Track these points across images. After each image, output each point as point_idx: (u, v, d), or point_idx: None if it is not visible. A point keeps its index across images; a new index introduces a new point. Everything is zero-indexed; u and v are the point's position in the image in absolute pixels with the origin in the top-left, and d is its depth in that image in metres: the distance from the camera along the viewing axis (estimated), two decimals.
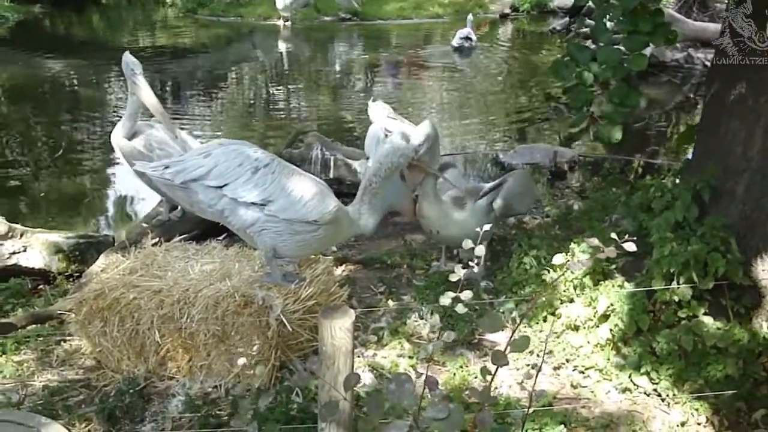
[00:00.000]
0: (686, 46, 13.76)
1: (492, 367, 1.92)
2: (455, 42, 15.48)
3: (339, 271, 5.45)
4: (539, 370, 2.37)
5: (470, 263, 2.36)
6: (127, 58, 5.47)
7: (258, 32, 19.48)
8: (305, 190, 4.04)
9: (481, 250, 2.38)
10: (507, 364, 1.87)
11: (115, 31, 21.55)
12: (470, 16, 16.35)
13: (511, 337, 1.90)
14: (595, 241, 1.94)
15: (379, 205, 4.28)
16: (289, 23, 19.12)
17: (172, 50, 17.66)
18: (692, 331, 3.95)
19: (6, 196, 7.83)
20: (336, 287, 4.57)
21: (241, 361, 3.53)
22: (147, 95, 5.41)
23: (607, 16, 3.73)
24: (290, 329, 4.02)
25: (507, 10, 21.59)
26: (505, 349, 1.87)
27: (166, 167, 4.00)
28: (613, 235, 1.92)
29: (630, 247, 1.89)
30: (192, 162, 3.99)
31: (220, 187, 3.93)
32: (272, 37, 18.62)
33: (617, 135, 3.75)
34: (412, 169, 4.71)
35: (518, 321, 2.08)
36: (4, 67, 15.12)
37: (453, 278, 2.30)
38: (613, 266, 4.54)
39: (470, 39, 15.38)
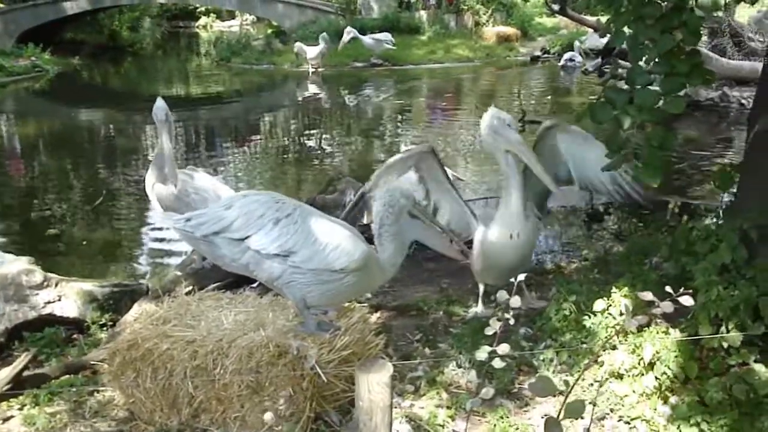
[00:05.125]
0: (721, 84, 13.65)
1: None
2: (561, 62, 19.93)
3: (374, 318, 5.34)
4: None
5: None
6: (157, 103, 5.61)
7: (291, 79, 19.77)
8: (330, 237, 3.89)
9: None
10: None
11: (151, 80, 22.08)
12: (578, 42, 20.26)
13: (564, 401, 1.79)
14: (649, 296, 1.84)
15: (400, 245, 4.07)
16: (321, 69, 19.38)
17: (205, 98, 18.01)
18: (743, 380, 3.78)
19: (43, 244, 7.89)
20: (372, 336, 4.45)
21: (268, 416, 3.34)
22: (164, 139, 5.54)
23: (643, 59, 3.64)
24: (325, 380, 3.91)
25: (537, 53, 21.88)
26: (558, 414, 1.77)
27: (188, 220, 3.91)
28: (668, 289, 1.81)
29: (687, 301, 1.79)
30: (213, 214, 3.89)
31: (243, 239, 3.82)
32: (304, 83, 18.87)
33: (657, 179, 3.63)
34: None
35: (572, 384, 1.93)
36: (44, 118, 15.49)
37: (488, 332, 2.23)
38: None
39: (573, 60, 19.57)
